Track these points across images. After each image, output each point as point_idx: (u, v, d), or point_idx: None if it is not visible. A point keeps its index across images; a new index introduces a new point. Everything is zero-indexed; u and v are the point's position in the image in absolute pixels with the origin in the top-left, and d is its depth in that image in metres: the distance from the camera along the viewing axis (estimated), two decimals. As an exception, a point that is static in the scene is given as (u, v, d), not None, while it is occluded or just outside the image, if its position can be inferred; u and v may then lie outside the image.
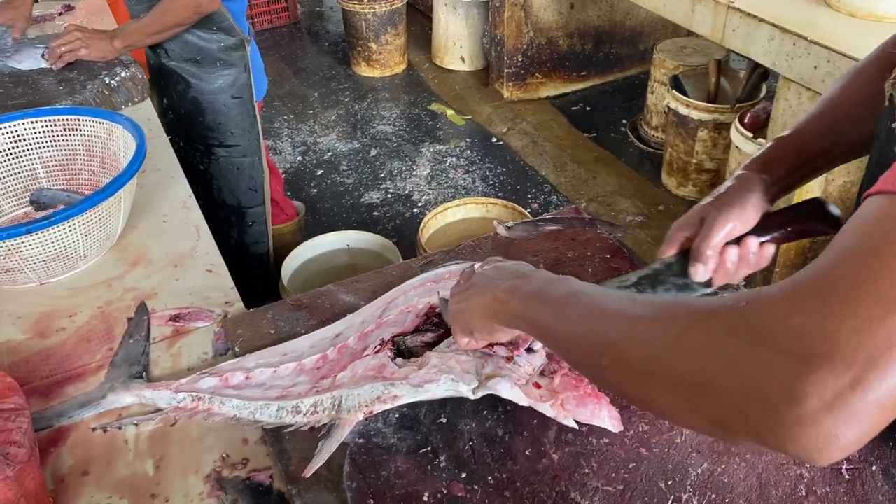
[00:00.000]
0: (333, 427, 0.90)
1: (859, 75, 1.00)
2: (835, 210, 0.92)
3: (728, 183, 0.95)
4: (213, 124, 2.13)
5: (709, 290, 0.92)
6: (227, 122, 2.13)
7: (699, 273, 0.90)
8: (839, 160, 1.00)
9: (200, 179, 2.18)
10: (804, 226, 0.93)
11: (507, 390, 0.89)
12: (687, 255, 0.92)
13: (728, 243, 0.90)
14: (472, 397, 0.90)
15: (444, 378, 0.88)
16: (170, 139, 1.77)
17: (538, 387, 0.91)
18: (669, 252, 0.94)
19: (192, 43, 2.00)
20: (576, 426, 0.89)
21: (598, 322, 0.67)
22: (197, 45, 2.01)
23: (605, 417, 0.89)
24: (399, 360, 0.96)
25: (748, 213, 0.91)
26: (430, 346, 1.00)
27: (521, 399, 0.88)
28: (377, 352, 0.98)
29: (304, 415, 0.93)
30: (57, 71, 1.86)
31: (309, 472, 0.87)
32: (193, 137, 2.16)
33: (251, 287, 2.37)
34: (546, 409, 0.89)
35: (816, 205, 0.93)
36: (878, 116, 0.92)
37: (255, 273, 2.43)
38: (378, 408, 0.89)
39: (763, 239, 0.92)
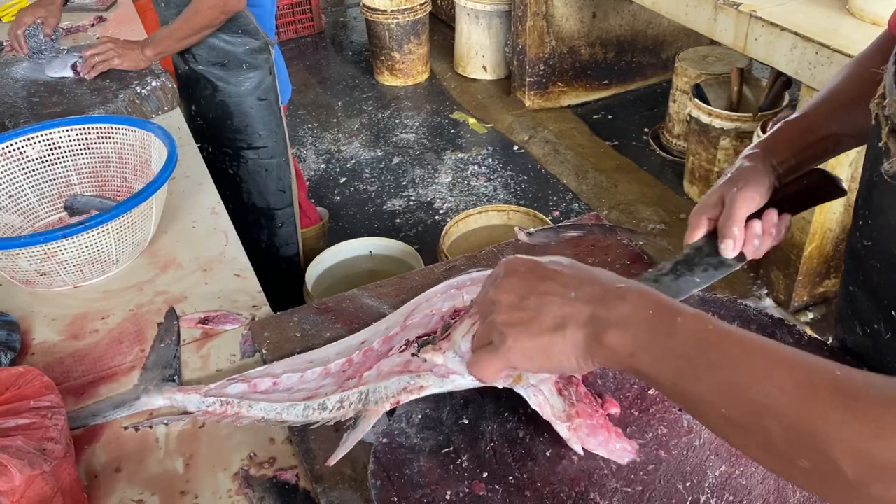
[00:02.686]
0: (360, 419, 0.92)
1: (861, 63, 1.01)
2: (838, 178, 0.95)
3: (737, 163, 0.97)
4: (240, 126, 2.17)
5: (740, 265, 0.94)
6: (254, 124, 2.18)
7: (729, 249, 0.91)
8: (846, 144, 1.01)
9: (230, 184, 2.23)
10: (814, 194, 0.96)
11: (539, 399, 0.89)
12: (714, 237, 0.93)
13: (750, 218, 0.92)
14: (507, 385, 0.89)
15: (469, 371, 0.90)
16: (199, 146, 1.81)
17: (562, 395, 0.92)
18: (696, 236, 0.95)
19: (218, 47, 2.05)
20: (581, 452, 0.89)
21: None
22: (223, 49, 2.06)
23: (615, 449, 0.89)
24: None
25: (764, 188, 0.92)
26: None
27: (546, 413, 0.89)
28: (402, 351, 1.00)
29: (330, 411, 0.95)
30: (90, 80, 1.91)
31: (333, 461, 0.89)
32: (222, 141, 2.21)
33: (282, 289, 2.43)
34: (562, 428, 0.90)
35: (820, 174, 0.96)
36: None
37: (286, 275, 2.47)
38: (405, 398, 0.90)
39: (781, 210, 0.94)
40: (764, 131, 2.79)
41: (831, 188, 0.95)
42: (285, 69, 2.36)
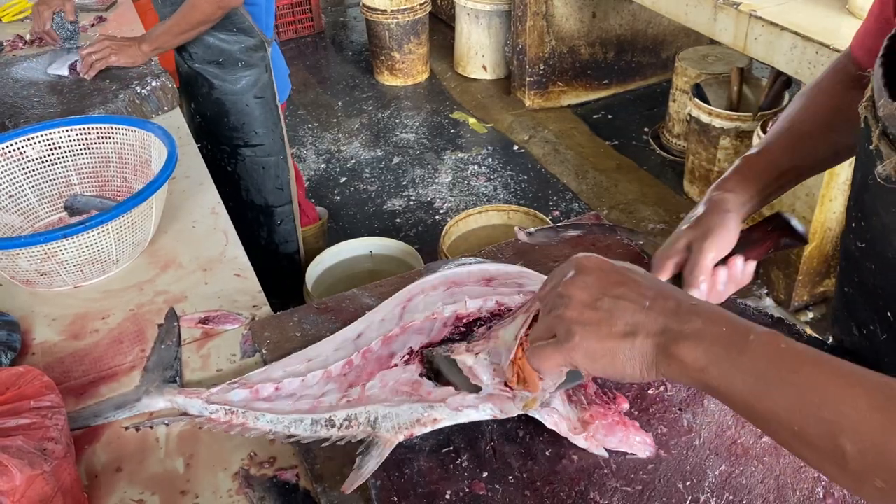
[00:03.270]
0: (372, 445, 0.91)
1: (818, 92, 1.02)
2: (798, 225, 0.95)
3: (703, 206, 0.95)
4: (237, 124, 2.18)
5: None
6: (251, 122, 2.19)
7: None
8: (808, 173, 1.02)
9: (228, 181, 2.23)
10: (776, 241, 0.95)
11: (554, 417, 0.89)
12: (677, 281, 0.92)
13: (716, 265, 0.91)
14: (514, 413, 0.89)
15: (482, 405, 0.90)
16: (199, 144, 1.81)
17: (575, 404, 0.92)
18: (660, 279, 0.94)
19: (214, 45, 2.06)
20: (606, 455, 0.90)
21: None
22: (218, 48, 2.06)
23: (635, 443, 0.90)
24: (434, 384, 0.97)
25: (730, 235, 0.91)
26: None
27: (563, 430, 0.89)
28: (406, 363, 0.99)
29: (339, 428, 0.94)
30: (90, 80, 1.91)
31: (349, 489, 0.87)
32: (220, 139, 2.21)
33: (283, 287, 2.42)
34: (580, 441, 0.90)
35: (782, 221, 0.95)
36: (848, 132, 0.93)
37: (286, 272, 2.47)
38: (418, 430, 0.90)
39: (746, 257, 0.93)
40: (764, 131, 2.79)
41: (793, 237, 0.95)
42: (285, 67, 2.36)
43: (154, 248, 1.42)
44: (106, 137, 1.51)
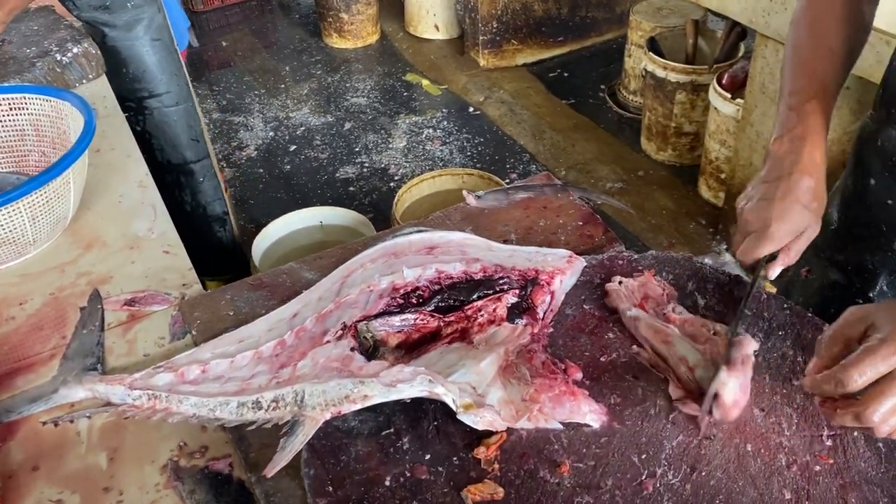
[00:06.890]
0: (297, 424, 0.84)
1: (815, 16, 1.03)
2: None
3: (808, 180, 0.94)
4: (137, 74, 2.04)
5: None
6: (152, 69, 2.06)
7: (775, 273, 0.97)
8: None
9: (141, 142, 2.10)
10: None
11: (487, 418, 0.84)
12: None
13: None
14: (454, 409, 0.84)
15: (419, 378, 0.83)
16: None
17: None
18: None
19: None
20: (561, 427, 0.85)
21: None
22: None
23: (586, 412, 0.85)
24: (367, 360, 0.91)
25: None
26: (398, 332, 0.96)
27: (500, 423, 0.84)
28: (339, 338, 0.92)
29: (266, 410, 0.88)
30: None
31: (271, 473, 0.82)
32: (123, 95, 2.06)
33: (219, 259, 2.29)
34: (525, 424, 0.84)
35: None
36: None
37: (218, 239, 2.35)
38: (347, 408, 0.83)
39: None
40: (720, 83, 2.75)
41: None
42: (184, 18, 2.24)
43: (76, 227, 1.33)
44: (19, 108, 1.40)
